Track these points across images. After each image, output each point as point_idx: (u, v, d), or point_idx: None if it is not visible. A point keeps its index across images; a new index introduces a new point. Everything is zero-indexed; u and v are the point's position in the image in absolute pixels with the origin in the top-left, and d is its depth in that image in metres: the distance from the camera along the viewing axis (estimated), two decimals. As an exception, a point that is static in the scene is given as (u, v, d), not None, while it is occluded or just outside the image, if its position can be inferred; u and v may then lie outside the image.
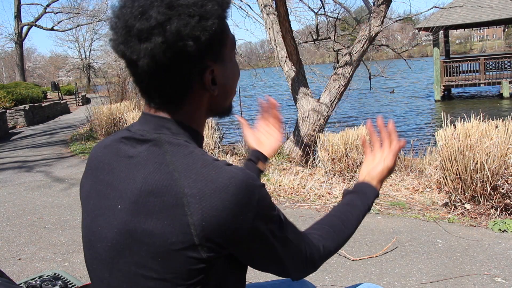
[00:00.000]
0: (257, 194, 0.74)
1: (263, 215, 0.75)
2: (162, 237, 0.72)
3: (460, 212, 3.70)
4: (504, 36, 77.14)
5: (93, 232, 0.82)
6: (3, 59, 42.18)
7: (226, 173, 0.73)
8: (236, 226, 0.72)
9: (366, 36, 6.16)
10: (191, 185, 0.72)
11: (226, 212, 0.71)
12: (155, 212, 0.72)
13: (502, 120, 3.65)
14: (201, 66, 0.78)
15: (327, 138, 5.17)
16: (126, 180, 0.78)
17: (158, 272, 0.73)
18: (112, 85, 10.77)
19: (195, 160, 0.75)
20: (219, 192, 0.71)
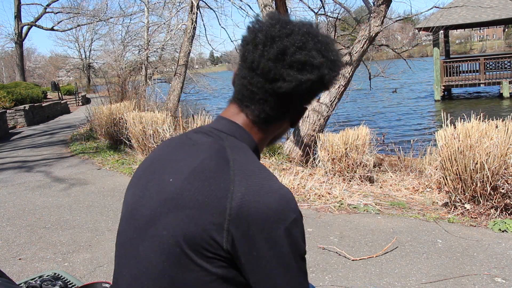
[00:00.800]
0: (295, 215, 0.78)
1: (291, 235, 0.77)
2: (199, 211, 0.77)
3: (460, 212, 3.69)
4: (504, 36, 77.13)
5: (139, 202, 0.88)
6: (3, 59, 42.15)
7: (277, 183, 0.80)
8: (265, 228, 0.75)
9: (366, 36, 6.16)
10: (242, 177, 0.79)
11: (263, 211, 0.76)
12: (202, 188, 0.79)
13: (502, 120, 3.64)
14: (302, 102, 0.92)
15: (327, 138, 5.17)
16: (184, 160, 0.86)
17: (181, 245, 0.78)
18: (112, 85, 10.76)
19: (252, 161, 0.84)
20: (264, 193, 0.77)
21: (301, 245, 0.80)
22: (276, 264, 0.77)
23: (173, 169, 0.86)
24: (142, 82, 12.11)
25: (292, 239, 0.77)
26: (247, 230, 0.75)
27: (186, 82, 13.87)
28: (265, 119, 0.90)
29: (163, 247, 0.80)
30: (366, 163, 5.04)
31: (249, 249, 0.76)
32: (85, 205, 4.64)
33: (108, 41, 19.12)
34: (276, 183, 0.80)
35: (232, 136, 0.88)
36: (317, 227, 3.63)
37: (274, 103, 0.88)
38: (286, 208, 0.77)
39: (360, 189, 4.71)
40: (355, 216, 3.87)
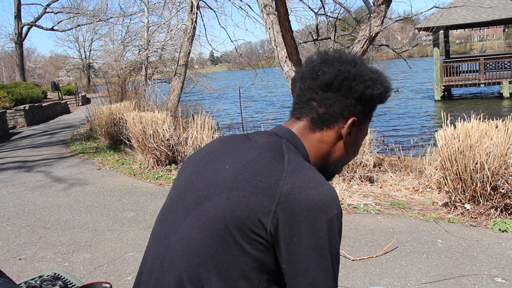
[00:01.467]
0: (337, 210, 0.84)
1: (332, 228, 0.82)
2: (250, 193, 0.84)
3: (460, 212, 3.69)
4: (504, 36, 77.12)
5: (191, 185, 0.94)
6: (3, 59, 42.14)
7: (324, 180, 0.86)
8: (309, 216, 0.80)
9: (366, 36, 6.16)
10: (294, 169, 0.85)
11: (309, 200, 0.81)
12: (256, 174, 0.86)
13: (502, 120, 3.64)
14: (353, 110, 0.97)
15: (327, 138, 5.16)
16: (242, 153, 0.92)
17: (227, 222, 0.84)
18: (112, 85, 10.76)
19: (304, 161, 0.91)
20: (313, 185, 0.83)
21: (338, 240, 0.84)
22: (313, 253, 0.81)
23: (230, 159, 0.92)
24: (142, 82, 12.10)
25: (332, 231, 0.82)
26: (292, 215, 0.80)
27: (186, 82, 13.87)
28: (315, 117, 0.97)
29: (209, 222, 0.85)
30: (366, 163, 5.04)
31: (291, 234, 0.81)
32: (85, 205, 4.64)
33: (108, 41, 19.11)
34: (324, 180, 0.86)
35: (288, 141, 0.96)
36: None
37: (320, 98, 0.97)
38: (330, 201, 0.83)
39: (360, 189, 4.71)
40: (355, 216, 3.87)
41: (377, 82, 0.97)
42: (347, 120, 0.97)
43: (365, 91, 0.96)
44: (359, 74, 0.95)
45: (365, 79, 0.96)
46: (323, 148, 0.99)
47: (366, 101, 0.97)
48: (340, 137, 0.99)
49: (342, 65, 0.95)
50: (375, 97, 0.97)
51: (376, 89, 0.97)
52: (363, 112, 0.99)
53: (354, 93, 0.96)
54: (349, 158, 1.04)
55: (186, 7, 11.35)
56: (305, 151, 0.97)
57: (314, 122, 0.97)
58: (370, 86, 0.96)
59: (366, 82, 0.95)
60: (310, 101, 0.97)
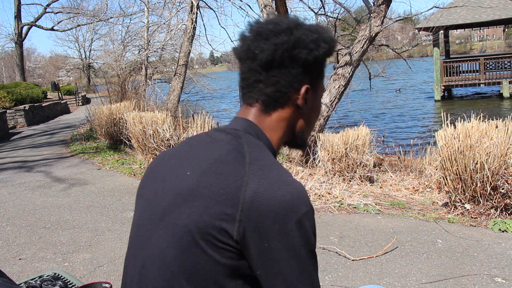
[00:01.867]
0: (306, 208, 0.80)
1: (303, 228, 0.79)
2: (213, 201, 0.80)
3: (460, 212, 3.69)
4: (504, 36, 77.12)
5: (157, 195, 0.91)
6: (3, 59, 42.15)
7: (290, 177, 0.82)
8: (277, 220, 0.77)
9: (366, 36, 6.16)
10: (256, 171, 0.82)
11: (275, 203, 0.77)
12: (217, 180, 0.82)
13: (502, 120, 3.64)
14: (302, 78, 0.92)
15: (327, 138, 5.17)
16: (202, 156, 0.89)
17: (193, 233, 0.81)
18: (112, 85, 10.76)
19: (266, 156, 0.86)
20: (277, 186, 0.79)
21: (312, 238, 0.81)
22: (287, 255, 0.78)
23: (191, 164, 0.89)
24: (142, 82, 12.10)
25: (304, 231, 0.79)
26: (259, 221, 0.77)
27: (186, 82, 13.87)
28: (266, 99, 0.92)
29: (175, 236, 0.83)
30: (366, 163, 5.04)
31: (261, 241, 0.78)
32: (85, 205, 4.64)
33: (108, 41, 19.12)
34: (289, 177, 0.82)
35: (248, 133, 0.91)
36: (317, 227, 3.61)
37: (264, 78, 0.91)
38: (298, 201, 0.79)
39: (360, 189, 4.71)
40: (355, 216, 3.87)
41: (319, 42, 0.90)
42: (300, 90, 0.92)
43: (309, 56, 0.89)
44: (298, 41, 0.88)
45: (306, 44, 0.89)
46: (284, 125, 0.94)
47: (314, 65, 0.92)
48: (298, 108, 0.94)
49: (278, 37, 0.88)
50: (322, 57, 0.92)
51: (321, 50, 0.90)
52: (314, 75, 0.94)
53: (299, 62, 0.90)
54: (313, 121, 1.01)
55: (186, 7, 11.35)
56: (266, 137, 0.93)
57: (267, 104, 0.92)
58: (314, 49, 0.90)
59: (308, 46, 0.89)
60: (256, 84, 0.92)
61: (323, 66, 0.96)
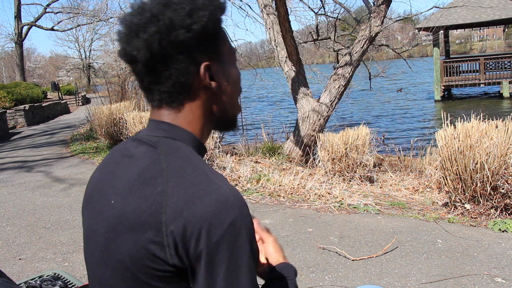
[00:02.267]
0: (233, 215, 0.72)
1: (233, 236, 0.72)
2: (139, 231, 0.74)
3: (460, 212, 3.69)
4: (504, 36, 77.13)
5: (93, 226, 0.85)
6: (3, 59, 42.17)
7: (212, 184, 0.74)
8: (202, 237, 0.71)
9: (366, 36, 6.16)
10: (175, 184, 0.74)
11: (197, 220, 0.71)
12: (139, 207, 0.75)
13: (502, 120, 3.65)
14: (196, 58, 0.81)
15: (327, 138, 5.17)
16: (122, 177, 0.82)
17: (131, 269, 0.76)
18: (112, 85, 10.76)
19: (187, 163, 0.77)
20: (197, 199, 0.72)
21: (246, 246, 0.73)
22: (220, 271, 0.72)
23: (114, 189, 0.82)
24: (142, 82, 12.08)
25: (234, 239, 0.72)
26: (186, 241, 0.71)
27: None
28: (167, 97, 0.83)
29: (117, 274, 0.79)
30: (366, 163, 5.04)
31: (194, 260, 0.72)
32: (85, 205, 4.64)
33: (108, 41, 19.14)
34: (212, 184, 0.74)
35: (165, 138, 0.83)
36: (317, 227, 3.63)
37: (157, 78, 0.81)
38: (222, 210, 0.71)
39: (360, 189, 4.71)
40: (355, 216, 3.87)
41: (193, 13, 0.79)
42: (199, 71, 0.81)
43: (189, 33, 0.79)
44: (170, 24, 0.78)
45: (180, 23, 0.78)
46: (201, 114, 0.85)
47: (202, 39, 0.81)
48: (207, 89, 0.84)
49: (146, 31, 0.78)
50: (207, 26, 0.80)
51: (201, 20, 0.79)
52: (209, 47, 0.83)
53: (182, 44, 0.79)
54: (234, 95, 0.89)
55: (186, 7, 11.32)
56: (187, 133, 0.84)
57: (172, 100, 0.83)
58: (191, 24, 0.78)
59: (184, 24, 0.78)
60: (151, 85, 0.83)
61: (217, 33, 0.83)
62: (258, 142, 7.30)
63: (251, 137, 8.23)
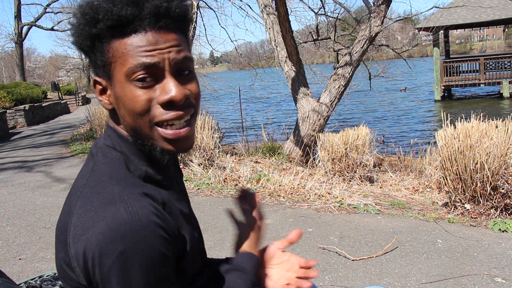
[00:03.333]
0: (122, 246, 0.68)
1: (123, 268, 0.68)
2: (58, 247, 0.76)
3: (460, 212, 3.69)
4: (504, 36, 77.14)
5: None
6: (3, 59, 42.17)
7: (106, 211, 0.70)
8: (94, 263, 0.69)
9: (366, 36, 6.16)
10: (79, 207, 0.73)
11: (89, 246, 0.68)
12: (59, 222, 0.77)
13: (502, 120, 3.65)
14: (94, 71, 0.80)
15: (327, 138, 5.17)
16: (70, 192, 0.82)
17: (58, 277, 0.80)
18: (112, 85, 10.75)
19: (102, 182, 0.75)
20: (92, 225, 0.69)
21: (136, 279, 0.69)
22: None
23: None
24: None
25: (124, 274, 0.68)
26: (86, 266, 0.69)
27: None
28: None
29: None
30: (366, 163, 5.04)
31: (95, 284, 0.71)
32: (85, 205, 4.64)
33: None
34: (110, 208, 0.70)
35: (106, 146, 0.81)
36: (317, 227, 3.63)
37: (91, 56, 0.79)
38: (112, 239, 0.67)
39: (360, 189, 4.71)
40: (355, 216, 3.87)
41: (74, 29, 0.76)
42: None
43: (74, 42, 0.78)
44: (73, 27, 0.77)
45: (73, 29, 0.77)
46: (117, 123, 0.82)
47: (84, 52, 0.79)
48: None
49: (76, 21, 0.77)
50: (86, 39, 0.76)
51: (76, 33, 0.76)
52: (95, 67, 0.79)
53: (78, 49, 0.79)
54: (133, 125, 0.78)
55: (186, 7, 11.32)
56: (120, 138, 0.81)
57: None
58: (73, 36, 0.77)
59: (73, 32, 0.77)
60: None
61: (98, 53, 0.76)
62: (258, 142, 7.31)
63: (251, 137, 8.23)
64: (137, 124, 0.77)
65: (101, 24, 0.72)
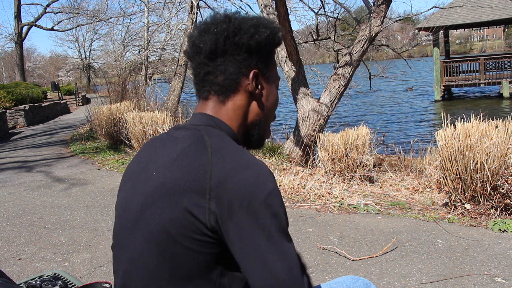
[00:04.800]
0: (271, 187, 0.81)
1: (270, 206, 0.80)
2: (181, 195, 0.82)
3: (460, 212, 3.69)
4: (504, 36, 77.11)
5: (129, 200, 0.94)
6: (3, 59, 42.18)
7: (252, 159, 0.84)
8: (244, 202, 0.78)
9: (366, 36, 6.16)
10: (219, 158, 0.83)
11: (240, 186, 0.79)
12: (183, 174, 0.84)
13: (502, 120, 3.64)
14: (249, 63, 0.94)
15: (327, 138, 5.17)
16: (166, 154, 0.91)
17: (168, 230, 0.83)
18: (112, 85, 10.76)
19: (228, 143, 0.88)
20: (240, 169, 0.81)
21: (280, 215, 0.81)
22: (260, 235, 0.79)
23: (157, 164, 0.91)
24: (142, 82, 12.12)
25: (271, 209, 0.80)
26: (228, 206, 0.79)
27: (186, 82, 13.88)
28: (217, 90, 0.95)
29: (151, 237, 0.85)
30: (366, 163, 5.04)
31: (233, 224, 0.79)
32: (85, 205, 4.64)
33: (108, 41, 19.14)
34: (251, 159, 0.84)
35: (208, 126, 0.93)
36: (317, 227, 3.63)
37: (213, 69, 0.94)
38: (261, 181, 0.81)
39: (360, 189, 4.71)
40: (355, 216, 3.87)
41: (259, 27, 0.93)
42: (249, 75, 0.94)
43: (250, 40, 0.92)
44: (238, 27, 0.92)
45: (245, 29, 0.92)
46: (240, 114, 0.96)
47: (258, 49, 0.94)
48: (251, 95, 0.96)
49: (217, 27, 0.92)
50: (265, 42, 0.94)
51: (262, 34, 0.93)
52: (261, 60, 0.96)
53: (242, 47, 0.92)
54: (270, 113, 1.01)
55: (186, 7, 11.36)
56: (228, 127, 0.95)
57: (220, 94, 0.95)
58: (254, 34, 0.92)
59: (248, 32, 0.92)
60: (206, 76, 0.95)
61: (270, 52, 0.98)
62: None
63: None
64: (267, 116, 1.01)
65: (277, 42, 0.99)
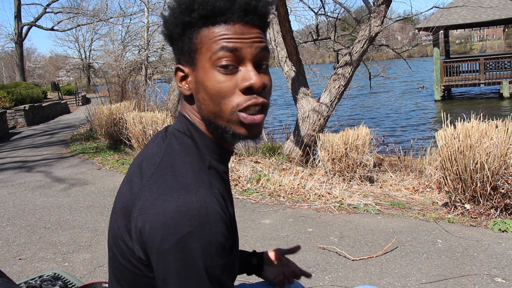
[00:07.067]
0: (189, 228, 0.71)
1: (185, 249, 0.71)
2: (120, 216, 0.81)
3: (460, 212, 3.70)
4: (504, 36, 77.12)
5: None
6: (3, 59, 42.19)
7: (184, 192, 0.74)
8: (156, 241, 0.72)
9: (366, 36, 6.16)
10: (152, 183, 0.77)
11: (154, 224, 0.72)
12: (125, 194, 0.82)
13: (502, 120, 3.64)
14: (176, 55, 0.86)
15: (327, 138, 5.17)
16: (134, 163, 0.88)
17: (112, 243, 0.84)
18: (112, 85, 10.75)
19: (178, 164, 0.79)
20: (163, 202, 0.73)
21: (195, 264, 0.71)
22: (171, 276, 0.73)
23: (127, 173, 0.89)
24: (142, 82, 12.10)
25: (186, 253, 0.71)
26: (144, 238, 0.74)
27: (186, 82, 13.88)
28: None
29: (109, 241, 0.87)
30: (366, 163, 5.04)
31: (152, 259, 0.75)
32: (85, 205, 4.64)
33: (108, 41, 19.12)
34: (183, 191, 0.73)
35: (179, 131, 0.86)
36: (317, 227, 3.63)
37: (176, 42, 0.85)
38: (179, 220, 0.70)
39: (360, 189, 4.71)
40: (355, 216, 3.87)
41: (167, 18, 0.83)
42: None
43: (165, 31, 0.85)
44: (166, 17, 0.84)
45: (165, 20, 0.84)
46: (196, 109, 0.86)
47: (170, 36, 0.85)
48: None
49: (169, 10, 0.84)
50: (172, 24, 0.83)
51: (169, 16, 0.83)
52: (179, 47, 0.84)
53: (166, 39, 0.86)
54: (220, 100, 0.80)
55: (186, 7, 11.31)
56: (194, 127, 0.86)
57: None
58: (164, 25, 0.84)
59: (165, 23, 0.84)
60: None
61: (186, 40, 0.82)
62: (258, 142, 7.30)
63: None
64: (218, 108, 0.81)
65: (195, 13, 0.78)
